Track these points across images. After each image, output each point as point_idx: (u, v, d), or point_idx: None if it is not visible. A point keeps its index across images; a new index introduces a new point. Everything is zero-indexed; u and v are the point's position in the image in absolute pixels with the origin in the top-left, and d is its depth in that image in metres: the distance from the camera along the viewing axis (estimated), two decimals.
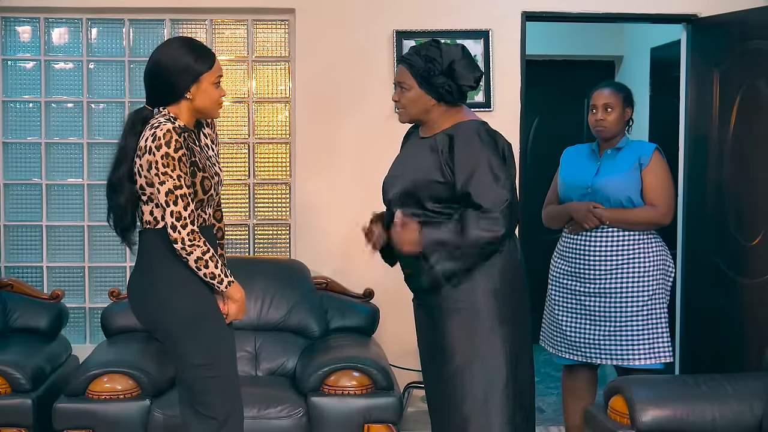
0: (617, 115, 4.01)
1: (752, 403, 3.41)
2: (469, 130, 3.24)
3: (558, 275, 4.09)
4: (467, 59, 3.26)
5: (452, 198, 3.21)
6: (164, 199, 2.97)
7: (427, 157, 3.26)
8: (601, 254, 3.94)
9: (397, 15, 4.81)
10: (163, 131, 2.96)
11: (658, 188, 3.95)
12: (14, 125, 4.97)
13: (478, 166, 3.16)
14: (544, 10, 4.89)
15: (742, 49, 4.40)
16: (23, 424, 3.96)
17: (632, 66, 6.50)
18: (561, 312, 4.07)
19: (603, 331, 3.95)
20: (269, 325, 4.46)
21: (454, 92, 3.25)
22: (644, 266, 3.92)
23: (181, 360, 3.14)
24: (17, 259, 4.98)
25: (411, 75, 3.26)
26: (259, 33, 4.99)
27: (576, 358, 4.05)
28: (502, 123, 4.80)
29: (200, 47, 3.12)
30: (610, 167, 4.00)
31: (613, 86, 4.10)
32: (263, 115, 5.02)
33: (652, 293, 3.93)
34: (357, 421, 3.95)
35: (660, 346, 3.94)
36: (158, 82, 3.08)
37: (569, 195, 4.07)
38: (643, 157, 3.96)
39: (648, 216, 3.94)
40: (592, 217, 3.93)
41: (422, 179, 3.24)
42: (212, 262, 3.04)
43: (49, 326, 4.53)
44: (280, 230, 5.05)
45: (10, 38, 4.96)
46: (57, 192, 5.00)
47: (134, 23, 4.94)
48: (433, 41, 3.30)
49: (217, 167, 3.20)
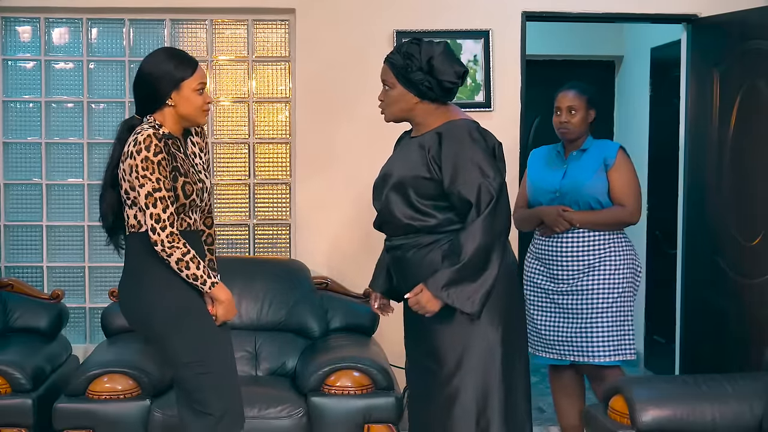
0: (581, 117, 4.06)
1: (752, 403, 3.41)
2: (459, 128, 3.23)
3: (532, 275, 4.15)
4: (447, 55, 3.24)
5: (440, 195, 3.21)
6: (144, 201, 3.03)
7: (415, 154, 3.25)
8: (573, 255, 4.00)
9: (397, 15, 4.81)
10: (144, 136, 3.03)
11: (625, 187, 4.00)
12: (14, 125, 4.97)
13: (466, 163, 3.16)
14: (545, 10, 4.89)
15: (742, 49, 4.40)
16: (23, 424, 3.96)
17: (632, 66, 6.51)
18: (536, 311, 4.12)
19: (574, 328, 4.00)
20: (269, 325, 4.46)
21: (434, 88, 3.24)
22: (614, 265, 3.97)
23: (172, 360, 3.19)
24: (17, 259, 4.98)
25: (392, 73, 3.27)
26: (259, 33, 4.99)
27: (551, 356, 4.10)
28: (503, 123, 4.83)
29: (181, 55, 3.19)
30: (577, 170, 4.05)
31: (576, 88, 4.12)
32: (263, 115, 5.02)
33: (622, 291, 3.98)
34: (357, 421, 3.95)
35: (626, 343, 3.99)
36: (142, 90, 3.17)
37: (538, 199, 4.13)
38: (608, 158, 4.01)
39: (617, 216, 4.00)
40: (562, 221, 3.98)
41: (410, 175, 3.24)
42: (193, 264, 3.07)
43: (49, 326, 4.53)
44: (280, 230, 5.05)
45: (11, 38, 4.96)
46: (57, 192, 5.00)
47: (134, 23, 4.94)
48: (414, 39, 3.31)
49: (202, 175, 3.23)
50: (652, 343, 6.08)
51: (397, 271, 3.40)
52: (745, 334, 4.30)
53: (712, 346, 4.57)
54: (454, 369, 3.23)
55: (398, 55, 3.26)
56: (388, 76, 3.29)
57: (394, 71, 3.26)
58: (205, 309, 3.17)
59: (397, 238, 3.33)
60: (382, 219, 3.36)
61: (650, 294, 6.02)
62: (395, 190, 3.26)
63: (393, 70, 3.26)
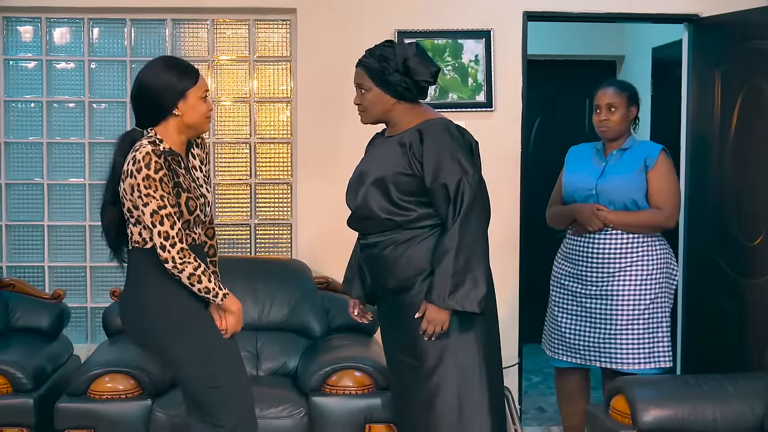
0: (621, 114, 3.98)
1: (753, 403, 3.42)
2: (438, 126, 3.30)
3: (560, 276, 4.08)
4: (421, 55, 3.31)
5: (420, 191, 3.26)
6: (150, 220, 2.98)
7: (396, 151, 3.30)
8: (605, 256, 3.92)
9: (398, 15, 4.81)
10: (142, 154, 2.98)
11: (664, 191, 3.92)
12: (16, 125, 4.97)
13: (447, 159, 3.22)
14: (546, 9, 4.89)
15: (743, 49, 4.40)
16: (25, 424, 3.97)
17: (633, 66, 6.50)
18: (560, 314, 4.05)
19: (603, 334, 3.93)
20: (270, 324, 4.47)
21: (411, 89, 3.31)
22: (647, 269, 3.90)
23: (182, 374, 3.16)
24: (19, 258, 4.98)
25: (368, 77, 3.33)
26: (260, 33, 4.99)
27: (573, 360, 4.04)
28: (504, 123, 4.84)
29: (183, 64, 3.16)
30: (615, 169, 3.97)
31: (616, 85, 4.08)
32: (265, 114, 5.02)
33: (655, 297, 3.91)
34: (358, 421, 3.95)
35: (660, 350, 3.92)
36: (145, 103, 3.10)
37: (573, 196, 4.05)
38: (648, 159, 3.93)
39: (653, 219, 3.92)
40: (596, 220, 3.90)
41: (390, 173, 3.29)
42: (205, 277, 3.05)
43: (51, 326, 4.53)
44: (281, 230, 5.05)
45: (12, 38, 4.96)
46: (58, 192, 5.00)
47: (136, 23, 4.94)
48: (386, 42, 3.37)
49: (204, 189, 3.21)
50: None
51: (372, 271, 3.42)
52: (746, 334, 4.30)
53: (713, 346, 4.57)
54: (435, 364, 3.28)
55: (372, 59, 3.32)
56: (363, 79, 3.35)
57: (370, 74, 3.32)
58: (212, 322, 3.14)
59: (372, 235, 3.37)
60: (357, 216, 3.40)
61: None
62: (375, 186, 3.31)
63: (368, 73, 3.33)
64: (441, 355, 3.27)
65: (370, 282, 3.46)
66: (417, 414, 3.34)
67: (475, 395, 3.28)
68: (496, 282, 3.44)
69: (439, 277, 3.19)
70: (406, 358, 3.35)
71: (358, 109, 3.42)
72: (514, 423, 4.57)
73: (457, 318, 3.25)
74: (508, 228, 4.79)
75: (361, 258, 3.47)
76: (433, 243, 3.27)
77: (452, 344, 3.28)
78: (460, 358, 3.28)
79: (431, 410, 3.28)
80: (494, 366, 3.38)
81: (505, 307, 4.85)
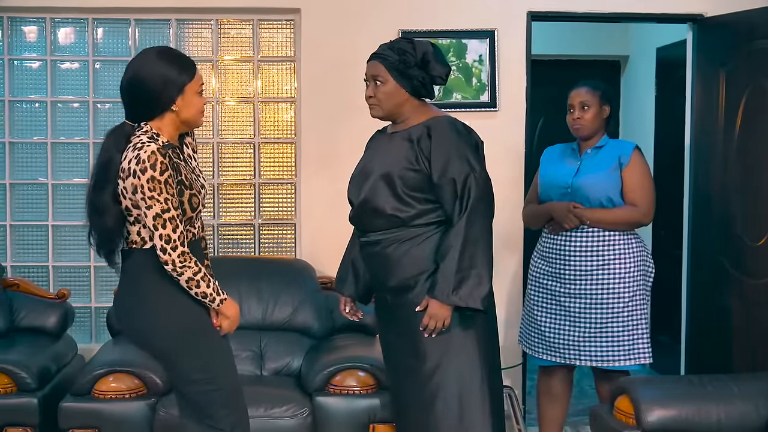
0: (594, 113, 4.01)
1: (758, 403, 3.41)
2: (445, 123, 3.31)
3: (537, 275, 4.09)
4: (437, 53, 3.33)
5: (426, 187, 3.26)
6: (152, 223, 2.91)
7: (403, 147, 3.31)
8: (581, 254, 3.94)
9: (402, 15, 4.81)
10: (147, 153, 2.87)
11: (639, 188, 3.94)
12: (20, 125, 4.98)
13: (454, 156, 3.23)
14: (550, 9, 4.89)
15: (748, 49, 4.39)
16: (29, 424, 3.97)
17: (638, 66, 6.50)
18: (539, 312, 4.06)
19: (582, 332, 3.94)
20: (274, 324, 4.47)
21: (427, 85, 3.33)
22: (624, 267, 3.91)
23: (180, 377, 3.11)
24: (23, 258, 4.99)
25: (386, 69, 3.31)
26: (264, 33, 5.00)
27: (554, 359, 4.04)
28: (508, 123, 4.84)
29: (181, 57, 3.03)
30: (590, 166, 4.00)
31: (589, 84, 4.10)
32: (269, 114, 5.02)
33: (633, 294, 3.92)
34: (362, 421, 3.95)
35: (640, 347, 3.93)
36: (140, 97, 2.96)
37: (549, 194, 4.08)
38: (623, 157, 3.96)
39: (629, 216, 3.93)
40: (572, 217, 3.92)
41: (397, 168, 3.28)
42: (204, 282, 2.99)
43: (55, 326, 4.53)
44: (285, 230, 5.06)
45: (16, 38, 4.97)
46: (63, 192, 5.00)
47: (140, 23, 4.95)
48: (403, 38, 3.40)
49: (201, 178, 3.15)
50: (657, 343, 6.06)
51: (372, 269, 3.41)
52: (750, 335, 4.30)
53: (717, 347, 4.57)
54: (436, 365, 3.27)
55: (390, 51, 3.31)
56: (379, 71, 3.32)
57: (388, 66, 3.30)
58: (211, 324, 3.10)
59: (375, 233, 3.36)
60: (361, 211, 3.37)
61: (655, 294, 5.99)
62: (382, 181, 3.30)
63: (386, 65, 3.31)
64: (442, 355, 3.26)
65: (369, 280, 3.45)
66: (417, 415, 3.33)
67: (476, 396, 3.27)
68: (498, 281, 3.45)
69: (443, 272, 3.19)
70: (406, 359, 3.34)
71: (369, 102, 3.38)
72: (518, 423, 4.57)
73: (457, 316, 3.24)
74: (511, 227, 4.78)
75: (361, 256, 3.46)
76: (435, 242, 3.26)
77: (453, 344, 3.27)
78: (460, 358, 3.27)
79: (432, 411, 3.27)
80: (494, 366, 3.37)
81: (508, 307, 4.86)
